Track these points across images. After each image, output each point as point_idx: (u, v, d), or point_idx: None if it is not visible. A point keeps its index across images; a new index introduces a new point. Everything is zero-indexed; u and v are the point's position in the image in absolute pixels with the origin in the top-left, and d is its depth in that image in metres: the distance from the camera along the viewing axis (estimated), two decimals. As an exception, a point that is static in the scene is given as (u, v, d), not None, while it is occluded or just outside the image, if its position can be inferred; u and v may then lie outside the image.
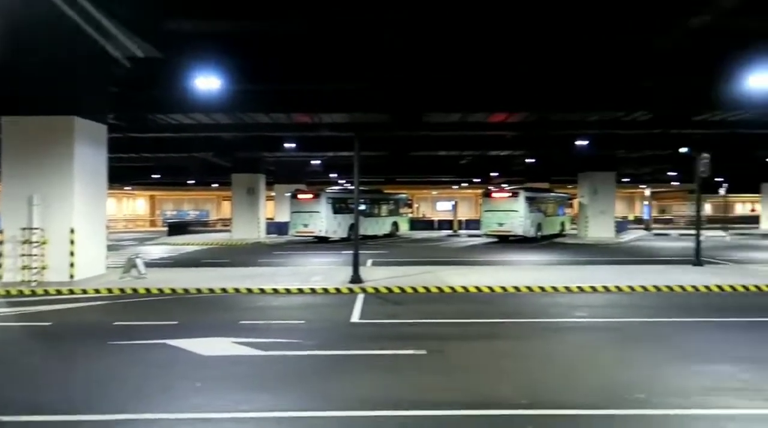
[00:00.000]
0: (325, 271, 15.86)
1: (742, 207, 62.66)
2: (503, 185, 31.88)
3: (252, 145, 26.83)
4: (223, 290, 12.49)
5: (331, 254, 22.19)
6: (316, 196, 28.42)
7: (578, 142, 23.90)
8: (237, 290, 12.50)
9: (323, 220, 27.92)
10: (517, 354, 7.48)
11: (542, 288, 12.39)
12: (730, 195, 42.01)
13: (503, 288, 12.43)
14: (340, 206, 28.99)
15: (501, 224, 27.81)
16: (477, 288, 12.45)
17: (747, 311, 10.19)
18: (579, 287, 12.44)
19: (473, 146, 26.63)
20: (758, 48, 12.26)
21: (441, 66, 14.03)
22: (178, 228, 37.96)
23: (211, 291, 12.47)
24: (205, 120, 20.01)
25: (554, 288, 12.41)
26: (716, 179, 34.99)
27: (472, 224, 38.50)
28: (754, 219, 46.37)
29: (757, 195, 43.34)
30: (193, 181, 46.66)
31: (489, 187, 30.65)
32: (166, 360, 7.20)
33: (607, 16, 11.60)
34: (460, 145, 26.32)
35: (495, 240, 29.27)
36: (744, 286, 12.60)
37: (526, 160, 34.01)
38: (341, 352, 7.58)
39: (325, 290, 12.49)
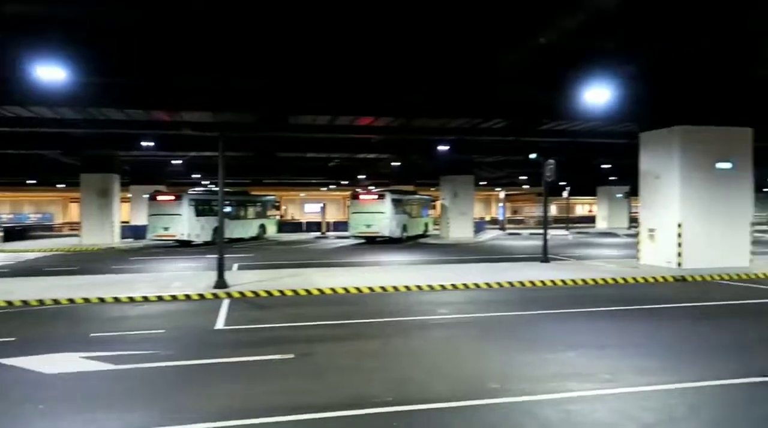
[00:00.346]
0: (188, 277, 15.12)
1: (581, 208, 69.60)
2: (370, 187, 32.55)
3: (105, 143, 24.80)
4: (71, 301, 11.43)
5: (193, 259, 21.20)
6: (178, 197, 27.05)
7: (440, 147, 25.07)
8: (87, 300, 11.50)
9: (185, 223, 26.62)
10: (384, 353, 7.66)
11: (407, 288, 12.82)
12: (572, 197, 46.54)
13: (371, 288, 12.68)
14: (203, 208, 27.82)
15: (368, 226, 28.37)
16: (345, 289, 12.58)
17: (586, 302, 11.31)
18: (441, 285, 13.04)
19: (341, 149, 26.83)
20: (592, 66, 13.69)
21: (308, 69, 13.99)
22: (15, 233, 34.02)
23: (56, 302, 11.35)
24: (48, 114, 18.14)
25: (419, 287, 12.90)
26: (561, 183, 38.55)
27: (341, 226, 38.87)
28: (591, 219, 51.90)
29: (593, 197, 48.43)
30: (34, 181, 42.12)
31: (356, 190, 31.12)
32: (3, 382, 6.43)
33: (460, 29, 12.28)
34: (329, 148, 26.38)
35: (363, 241, 29.76)
36: (583, 280, 14.01)
37: (393, 163, 34.98)
38: (203, 361, 7.26)
39: (188, 296, 11.91)
